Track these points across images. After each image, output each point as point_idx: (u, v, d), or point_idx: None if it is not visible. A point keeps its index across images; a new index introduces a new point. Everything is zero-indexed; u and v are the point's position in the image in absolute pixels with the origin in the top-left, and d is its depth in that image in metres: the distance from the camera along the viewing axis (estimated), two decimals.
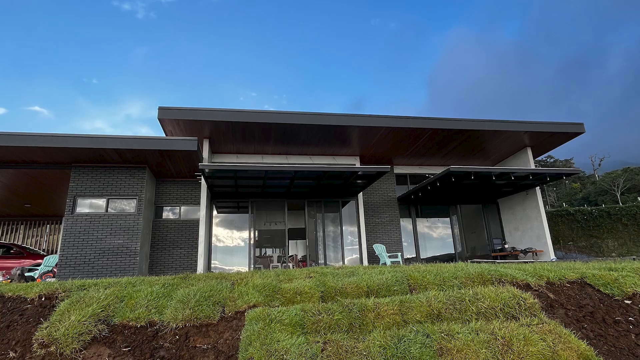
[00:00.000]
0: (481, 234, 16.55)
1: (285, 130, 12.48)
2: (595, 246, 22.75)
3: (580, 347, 3.60)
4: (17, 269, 9.89)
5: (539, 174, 12.92)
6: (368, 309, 4.13)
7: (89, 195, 11.46)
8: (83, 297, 4.41)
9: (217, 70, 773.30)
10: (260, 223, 13.97)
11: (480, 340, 3.50)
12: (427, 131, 13.08)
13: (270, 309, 4.17)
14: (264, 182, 12.16)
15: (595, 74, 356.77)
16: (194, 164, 12.12)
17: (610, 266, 5.85)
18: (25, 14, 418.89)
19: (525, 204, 15.33)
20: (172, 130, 12.25)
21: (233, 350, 3.79)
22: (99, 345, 3.83)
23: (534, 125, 13.60)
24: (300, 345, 3.51)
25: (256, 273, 5.66)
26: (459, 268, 5.45)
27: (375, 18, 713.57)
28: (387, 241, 15.00)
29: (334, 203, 14.57)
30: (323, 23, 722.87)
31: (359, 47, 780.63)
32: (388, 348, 3.46)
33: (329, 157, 14.83)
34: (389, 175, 16.04)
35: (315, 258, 13.75)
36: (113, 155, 11.06)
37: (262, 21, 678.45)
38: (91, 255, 10.94)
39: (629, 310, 4.48)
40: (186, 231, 13.12)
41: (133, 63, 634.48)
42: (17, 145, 10.13)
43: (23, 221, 19.00)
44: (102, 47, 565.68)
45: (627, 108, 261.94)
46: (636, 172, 40.03)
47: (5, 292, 4.67)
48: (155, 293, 4.58)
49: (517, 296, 4.36)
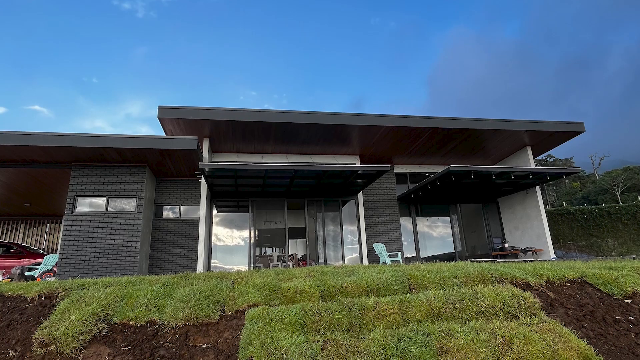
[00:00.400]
0: (481, 233, 16.55)
1: (285, 130, 12.47)
2: (595, 245, 22.76)
3: (580, 346, 3.60)
4: (17, 268, 9.88)
5: (539, 173, 12.92)
6: (368, 308, 4.13)
7: (89, 195, 11.46)
8: (83, 296, 4.41)
9: (217, 70, 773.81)
10: (260, 222, 13.97)
11: (481, 340, 3.50)
12: (427, 130, 13.07)
13: (270, 308, 4.17)
14: (264, 181, 12.15)
15: (595, 74, 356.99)
16: (194, 163, 12.11)
17: (610, 265, 5.85)
18: (25, 14, 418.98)
19: (525, 203, 15.33)
20: (172, 130, 12.24)
21: (233, 349, 3.79)
22: (99, 345, 3.83)
23: (534, 125, 13.59)
24: (300, 344, 3.51)
25: (256, 272, 5.66)
26: (459, 267, 5.45)
27: (375, 18, 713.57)
28: (387, 240, 15.00)
29: (334, 202, 14.56)
30: (323, 23, 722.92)
31: (359, 47, 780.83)
32: (388, 347, 3.46)
33: (329, 156, 14.83)
34: (389, 174, 16.04)
35: (315, 257, 13.75)
36: (113, 154, 11.06)
37: (262, 21, 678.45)
38: (91, 254, 10.94)
39: (629, 309, 4.48)
40: (186, 230, 13.11)
41: (133, 62, 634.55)
42: (17, 144, 10.12)
43: (23, 220, 18.99)
44: (102, 46, 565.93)
45: (627, 107, 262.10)
46: (636, 171, 40.00)
47: (5, 291, 4.67)
48: (155, 292, 4.58)
49: (517, 295, 4.36)
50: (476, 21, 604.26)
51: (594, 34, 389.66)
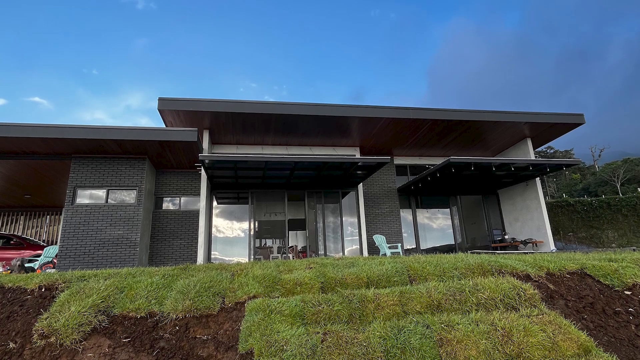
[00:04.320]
0: (481, 224, 16.56)
1: (285, 121, 12.42)
2: (595, 237, 22.81)
3: (580, 337, 3.60)
4: (17, 259, 9.89)
5: (539, 164, 12.89)
6: (368, 300, 4.13)
7: (89, 186, 11.44)
8: (83, 288, 4.41)
9: (217, 62, 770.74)
10: (260, 214, 13.97)
11: (480, 331, 3.50)
12: (427, 122, 13.02)
13: (270, 300, 4.17)
14: (264, 172, 12.13)
15: (595, 66, 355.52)
16: (194, 155, 12.08)
17: (610, 257, 5.85)
18: (25, 5, 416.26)
19: (525, 194, 15.32)
20: (172, 121, 12.19)
21: (233, 341, 3.79)
22: (99, 336, 3.84)
23: (534, 116, 13.53)
24: (300, 336, 3.51)
25: (256, 264, 5.66)
26: (458, 259, 5.45)
27: (375, 9, 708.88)
28: (387, 232, 15.02)
29: (334, 194, 14.55)
30: (323, 14, 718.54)
31: (359, 39, 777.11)
32: (388, 339, 3.47)
33: (329, 147, 14.78)
34: (389, 166, 16.01)
35: (315, 249, 13.77)
36: (113, 146, 11.02)
37: (262, 12, 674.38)
38: (91, 246, 10.95)
39: (629, 301, 4.48)
40: (186, 222, 13.12)
41: (133, 54, 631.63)
42: (17, 136, 10.08)
43: (23, 212, 19.00)
44: (102, 38, 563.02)
45: (627, 99, 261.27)
46: (636, 163, 39.96)
47: (5, 282, 4.67)
48: (155, 284, 4.58)
49: (517, 287, 4.36)
50: (476, 12, 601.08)
51: (594, 25, 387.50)
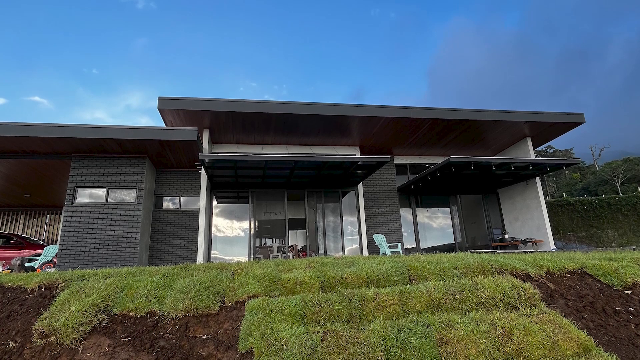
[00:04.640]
0: (481, 224, 16.56)
1: (285, 121, 12.42)
2: (595, 236, 22.81)
3: (580, 337, 3.60)
4: (17, 259, 9.90)
5: (539, 164, 12.88)
6: (368, 299, 4.13)
7: (89, 186, 11.44)
8: (83, 287, 4.41)
9: (217, 61, 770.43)
10: (260, 213, 13.97)
11: (481, 331, 3.50)
12: (427, 121, 13.02)
13: (270, 299, 4.17)
14: (264, 172, 12.13)
15: (596, 65, 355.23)
16: (194, 154, 12.08)
17: (610, 256, 5.84)
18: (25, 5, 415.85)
19: (525, 194, 15.32)
20: (172, 121, 12.19)
21: (233, 340, 3.79)
22: (99, 335, 3.84)
23: (534, 116, 13.53)
24: (300, 335, 3.51)
25: (256, 263, 5.66)
26: (458, 258, 5.45)
27: (375, 9, 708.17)
28: (387, 231, 15.01)
29: (334, 193, 14.55)
30: (323, 14, 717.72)
31: (359, 38, 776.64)
32: (388, 338, 3.47)
33: (329, 147, 14.78)
34: (389, 165, 16.01)
35: (315, 248, 13.77)
36: (113, 145, 11.02)
37: (262, 12, 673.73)
38: (91, 245, 10.95)
39: (629, 300, 4.48)
40: (186, 221, 13.11)
41: (133, 54, 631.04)
42: (17, 135, 10.07)
43: (23, 211, 18.99)
44: (102, 37, 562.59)
45: (627, 99, 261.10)
46: (636, 162, 39.94)
47: (5, 282, 4.67)
48: (155, 283, 4.58)
49: (517, 286, 4.35)
50: (476, 12, 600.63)
51: (594, 25, 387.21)
